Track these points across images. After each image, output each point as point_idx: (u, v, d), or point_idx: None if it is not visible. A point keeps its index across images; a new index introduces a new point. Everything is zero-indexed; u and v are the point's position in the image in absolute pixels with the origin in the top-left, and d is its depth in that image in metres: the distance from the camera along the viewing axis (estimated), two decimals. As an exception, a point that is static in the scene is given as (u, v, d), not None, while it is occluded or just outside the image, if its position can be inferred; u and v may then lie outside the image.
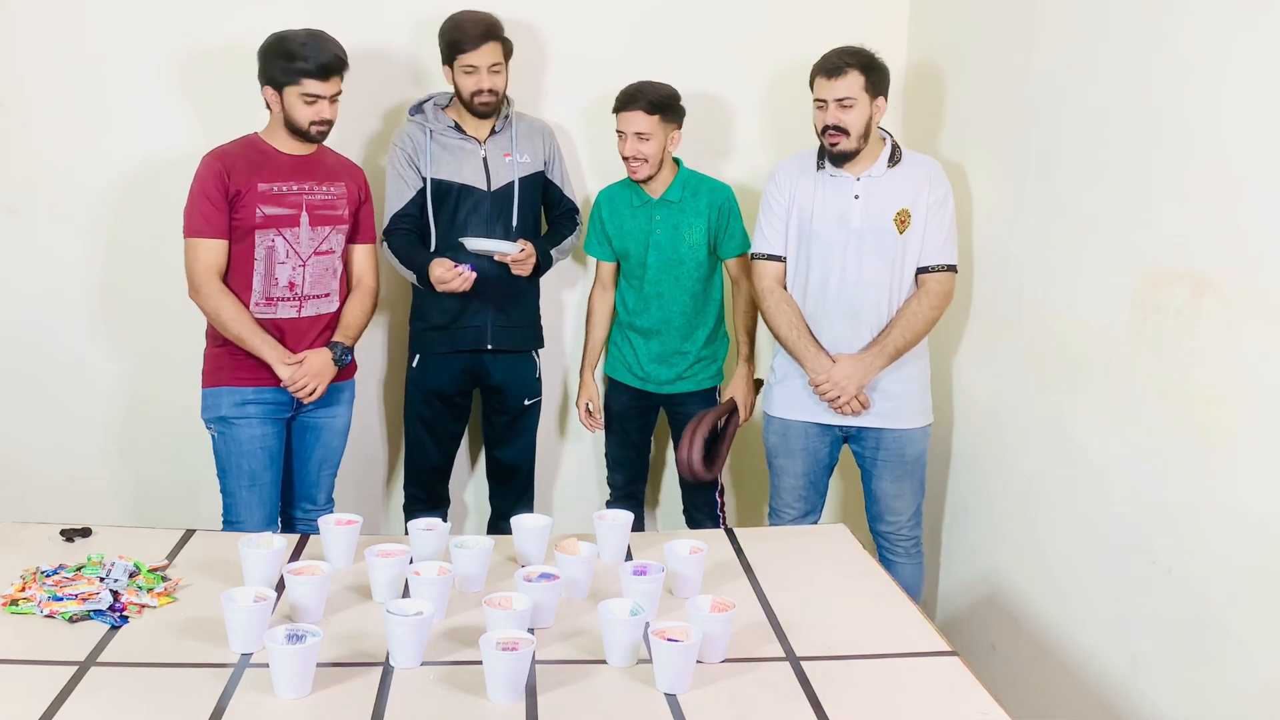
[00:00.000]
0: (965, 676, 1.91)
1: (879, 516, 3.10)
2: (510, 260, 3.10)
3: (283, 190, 2.84)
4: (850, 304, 2.94)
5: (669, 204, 3.19)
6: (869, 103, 2.86)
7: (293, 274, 2.87)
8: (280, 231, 2.84)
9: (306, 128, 2.83)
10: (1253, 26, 2.04)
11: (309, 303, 2.91)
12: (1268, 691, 2.02)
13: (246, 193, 2.80)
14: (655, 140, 3.10)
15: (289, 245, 2.86)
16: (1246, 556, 2.07)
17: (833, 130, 2.86)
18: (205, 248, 2.80)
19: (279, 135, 2.87)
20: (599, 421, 3.40)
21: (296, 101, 2.80)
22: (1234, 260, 2.10)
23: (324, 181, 2.92)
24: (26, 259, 3.35)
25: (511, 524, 2.35)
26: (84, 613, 2.03)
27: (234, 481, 2.89)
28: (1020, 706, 2.40)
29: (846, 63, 2.85)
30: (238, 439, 2.87)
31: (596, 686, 1.86)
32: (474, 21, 3.07)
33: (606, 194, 3.30)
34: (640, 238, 3.20)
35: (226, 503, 2.92)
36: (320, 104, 2.82)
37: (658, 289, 3.21)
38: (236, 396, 2.87)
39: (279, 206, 2.84)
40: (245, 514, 2.89)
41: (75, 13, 3.25)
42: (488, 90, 3.08)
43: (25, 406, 3.41)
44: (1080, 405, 2.59)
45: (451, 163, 3.15)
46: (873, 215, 2.92)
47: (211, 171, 2.80)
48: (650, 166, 3.13)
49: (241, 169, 2.81)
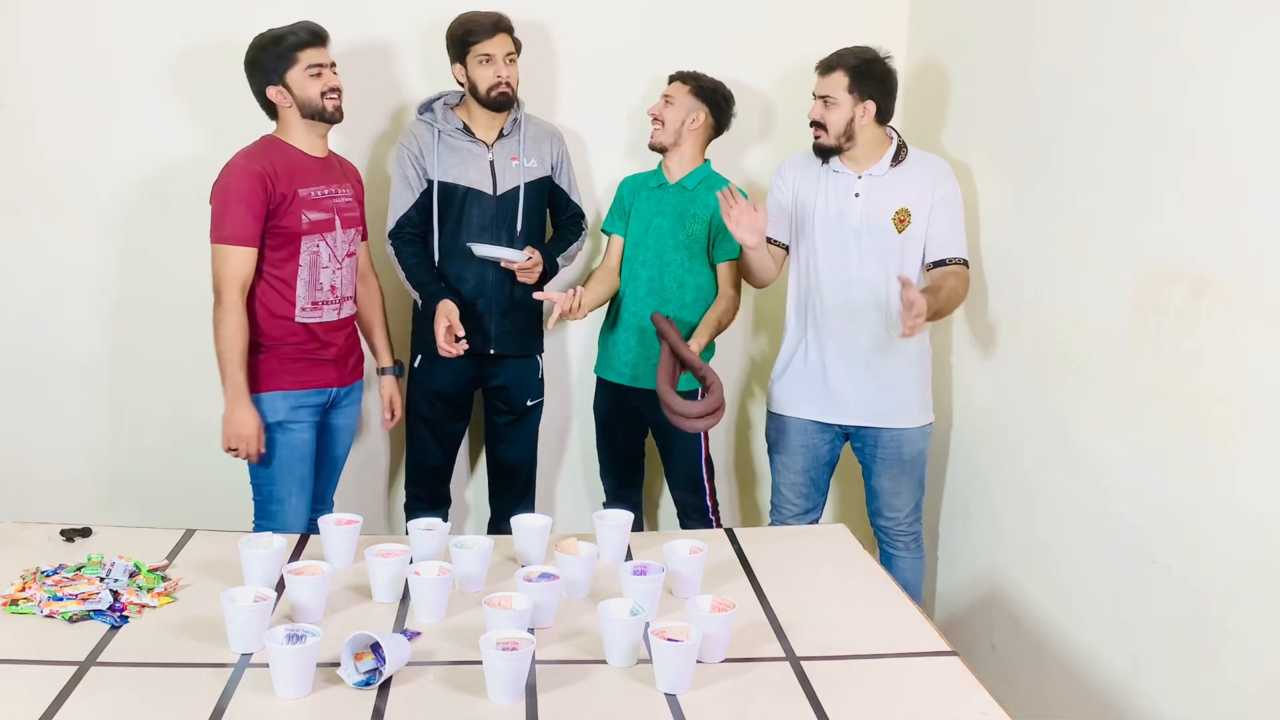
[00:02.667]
0: (965, 676, 1.91)
1: (879, 511, 3.11)
2: (517, 268, 3.11)
3: (320, 194, 2.83)
4: (848, 301, 2.95)
5: (683, 189, 3.19)
6: (852, 104, 2.88)
7: (333, 278, 2.88)
8: (323, 237, 2.83)
9: (321, 101, 2.79)
10: (1253, 27, 2.04)
11: (345, 304, 2.95)
12: (1268, 691, 2.02)
13: (291, 199, 2.76)
14: (678, 107, 3.13)
15: (330, 250, 2.86)
16: (1246, 556, 2.07)
17: (813, 125, 2.94)
18: (238, 255, 2.73)
19: (297, 135, 2.84)
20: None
21: (304, 80, 2.77)
22: (1234, 260, 2.10)
23: (342, 183, 2.93)
24: (27, 259, 3.35)
25: (511, 524, 2.35)
26: (84, 613, 2.03)
27: (284, 488, 2.84)
28: (1020, 706, 2.40)
29: (835, 62, 2.91)
30: (292, 444, 2.83)
31: (596, 686, 1.86)
32: (485, 14, 3.10)
33: (631, 178, 3.33)
34: (645, 218, 3.21)
35: (271, 509, 2.85)
36: (326, 72, 2.79)
37: (648, 272, 3.18)
38: (291, 400, 2.84)
39: (319, 211, 2.83)
40: (293, 519, 2.84)
41: (78, 11, 3.24)
42: (505, 81, 3.09)
43: (24, 407, 3.41)
44: (1080, 405, 2.59)
45: (458, 165, 3.15)
46: (872, 213, 2.92)
47: (250, 176, 2.73)
48: (665, 134, 3.14)
49: (284, 175, 2.76)
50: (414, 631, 2.00)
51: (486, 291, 3.16)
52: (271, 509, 2.86)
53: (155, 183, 3.32)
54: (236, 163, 2.78)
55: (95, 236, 3.35)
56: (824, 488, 3.16)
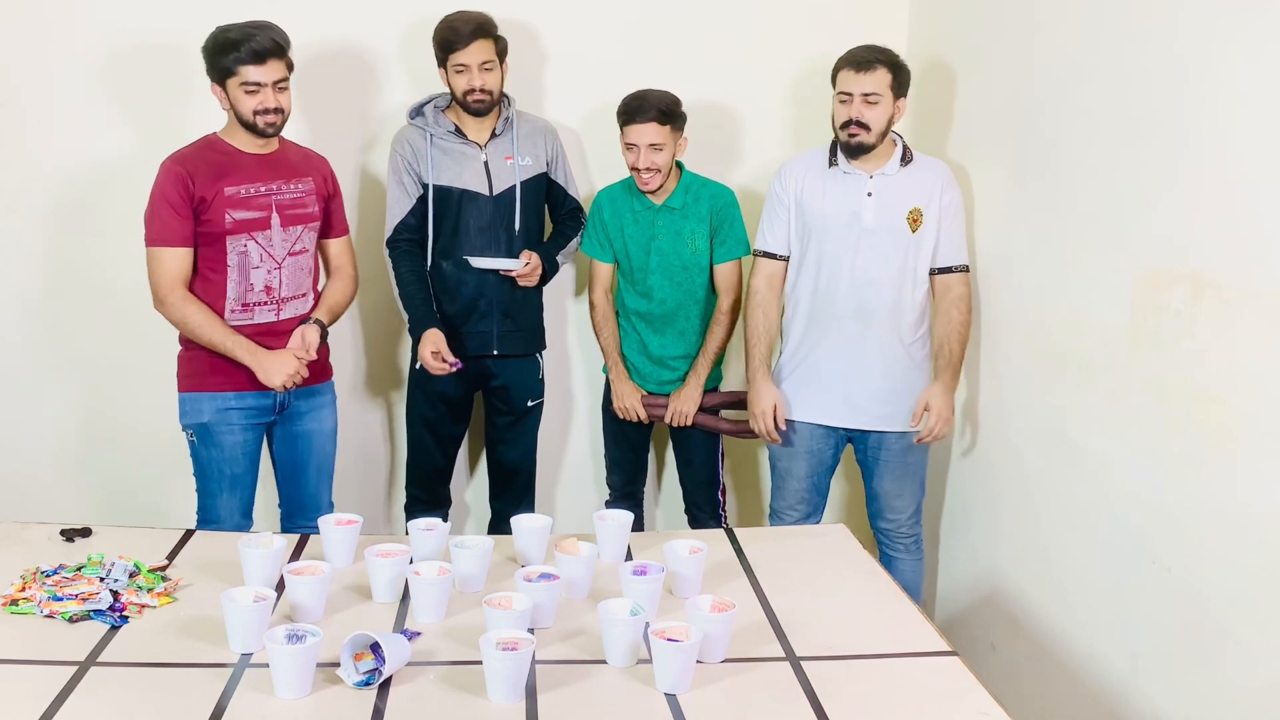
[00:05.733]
0: (965, 676, 1.91)
1: (879, 514, 3.11)
2: (516, 274, 3.12)
3: (250, 192, 2.76)
4: (862, 303, 2.94)
5: (671, 210, 3.16)
6: (892, 102, 2.88)
7: (268, 278, 2.81)
8: (252, 235, 2.76)
9: (252, 119, 2.72)
10: (1252, 27, 2.04)
11: (287, 305, 2.86)
12: (1268, 691, 2.02)
13: (213, 198, 2.71)
14: (667, 150, 3.07)
15: (262, 249, 2.79)
16: (1246, 556, 2.07)
17: (855, 124, 2.87)
18: (169, 256, 2.71)
19: (238, 134, 2.79)
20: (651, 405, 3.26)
21: (239, 93, 2.71)
22: (1234, 260, 2.10)
23: (291, 179, 2.84)
24: (25, 259, 3.34)
25: (511, 524, 2.36)
26: (84, 613, 2.03)
27: (214, 484, 2.84)
28: (1020, 706, 2.40)
29: (876, 59, 2.86)
30: (220, 445, 2.82)
31: (596, 686, 1.86)
32: (465, 20, 3.05)
33: (608, 194, 3.26)
34: (642, 243, 3.19)
35: (205, 503, 2.87)
36: (263, 92, 2.70)
37: (661, 294, 3.20)
38: (218, 402, 2.81)
39: (248, 210, 2.76)
40: (225, 514, 2.85)
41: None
42: (479, 89, 3.05)
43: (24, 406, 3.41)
44: (1080, 405, 2.59)
45: (452, 168, 3.14)
46: (886, 213, 2.92)
47: (172, 177, 2.70)
48: (663, 176, 3.11)
49: (204, 173, 2.71)
50: (414, 631, 2.00)
51: (488, 292, 3.16)
52: (206, 502, 2.88)
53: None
54: (164, 164, 2.75)
55: (94, 234, 3.33)
56: (825, 491, 3.16)
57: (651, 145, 3.04)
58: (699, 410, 3.20)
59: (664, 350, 3.23)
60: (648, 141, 3.04)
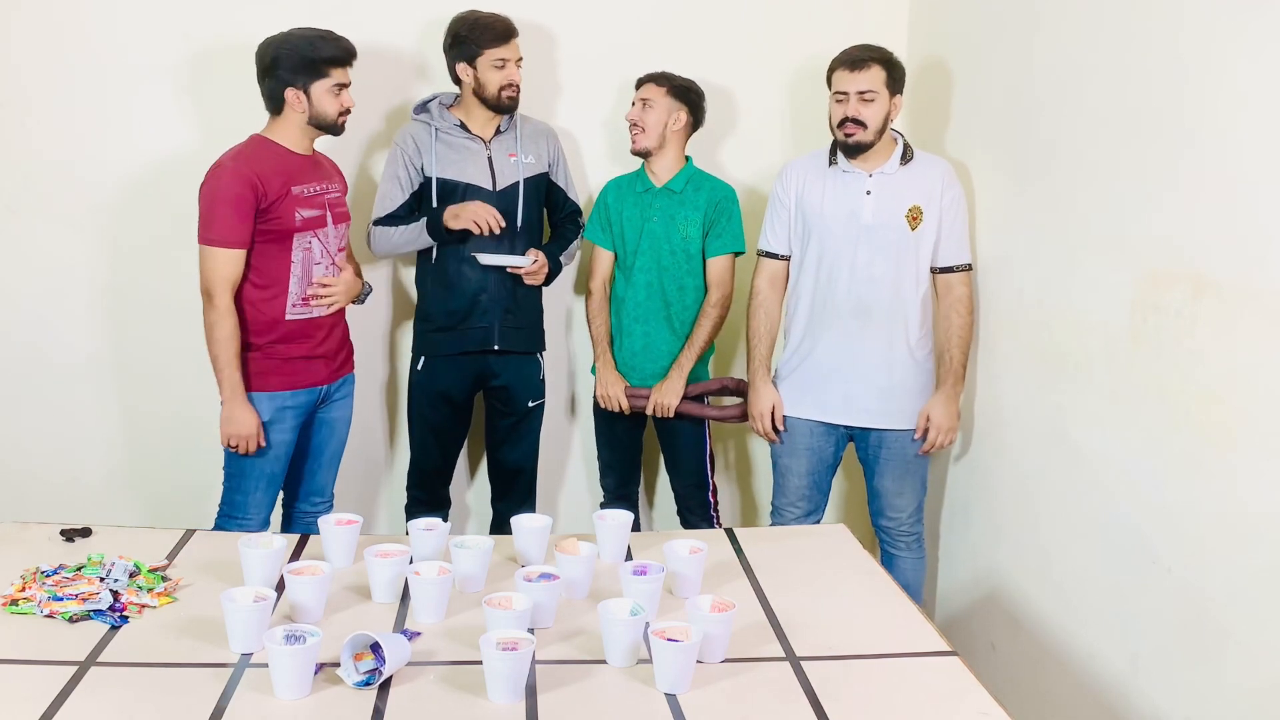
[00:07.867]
0: (965, 676, 1.91)
1: (881, 512, 3.11)
2: (523, 272, 3.12)
3: (311, 191, 2.85)
4: (861, 300, 2.95)
5: (670, 193, 3.19)
6: (888, 99, 2.89)
7: (326, 273, 2.90)
8: (315, 233, 2.85)
9: (337, 119, 2.85)
10: (1252, 27, 2.04)
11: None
12: (1268, 691, 2.02)
13: (283, 197, 2.78)
14: (657, 110, 3.11)
15: (323, 246, 2.88)
16: (1246, 556, 2.07)
17: (851, 122, 2.88)
18: (227, 258, 2.75)
19: (291, 135, 2.84)
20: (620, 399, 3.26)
21: (325, 95, 2.81)
22: (1234, 260, 2.10)
23: (330, 180, 2.94)
24: (26, 259, 3.34)
25: (511, 524, 2.36)
26: (84, 613, 2.03)
27: (252, 482, 2.88)
28: (1020, 706, 2.40)
29: (870, 57, 2.89)
30: (270, 443, 2.86)
31: (596, 686, 1.86)
32: (497, 18, 3.10)
33: (615, 182, 3.32)
34: (636, 224, 3.20)
35: (237, 500, 2.89)
36: (345, 93, 2.84)
37: (646, 278, 3.20)
38: (276, 401, 2.86)
39: (312, 208, 2.84)
40: (254, 512, 2.89)
41: (74, 11, 3.24)
42: (516, 85, 3.11)
43: (23, 407, 3.41)
44: (1080, 405, 2.59)
45: (456, 161, 3.16)
46: (885, 211, 2.93)
47: (241, 178, 2.74)
48: (648, 138, 3.13)
49: (273, 174, 2.77)
50: (414, 631, 2.00)
51: (490, 288, 3.17)
52: (237, 499, 2.90)
53: (154, 183, 3.32)
54: (224, 164, 2.78)
55: (95, 237, 3.35)
56: (826, 489, 3.16)
57: (643, 99, 3.15)
58: (682, 400, 3.19)
59: (649, 341, 3.22)
60: (641, 96, 3.15)
